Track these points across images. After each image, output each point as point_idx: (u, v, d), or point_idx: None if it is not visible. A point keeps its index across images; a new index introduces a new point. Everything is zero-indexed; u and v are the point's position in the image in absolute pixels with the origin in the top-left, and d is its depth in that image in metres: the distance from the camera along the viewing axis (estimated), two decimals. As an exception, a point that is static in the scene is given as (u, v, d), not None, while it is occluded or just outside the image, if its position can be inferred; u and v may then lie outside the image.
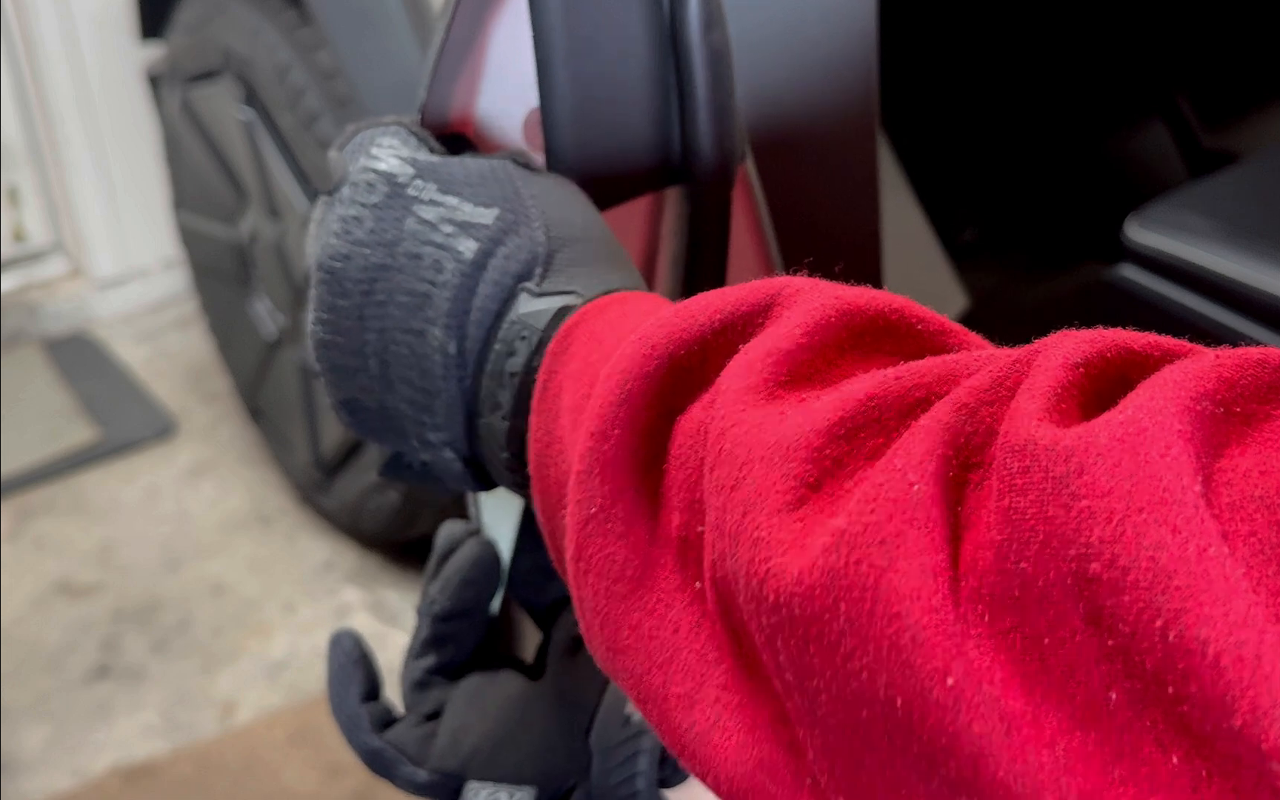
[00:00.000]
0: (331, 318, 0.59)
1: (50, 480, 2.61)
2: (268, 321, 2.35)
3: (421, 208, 0.58)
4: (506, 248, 0.57)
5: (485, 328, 0.57)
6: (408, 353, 0.58)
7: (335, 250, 0.59)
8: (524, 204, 0.59)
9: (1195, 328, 1.50)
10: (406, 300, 0.57)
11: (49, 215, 3.23)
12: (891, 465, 0.37)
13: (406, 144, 0.61)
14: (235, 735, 2.03)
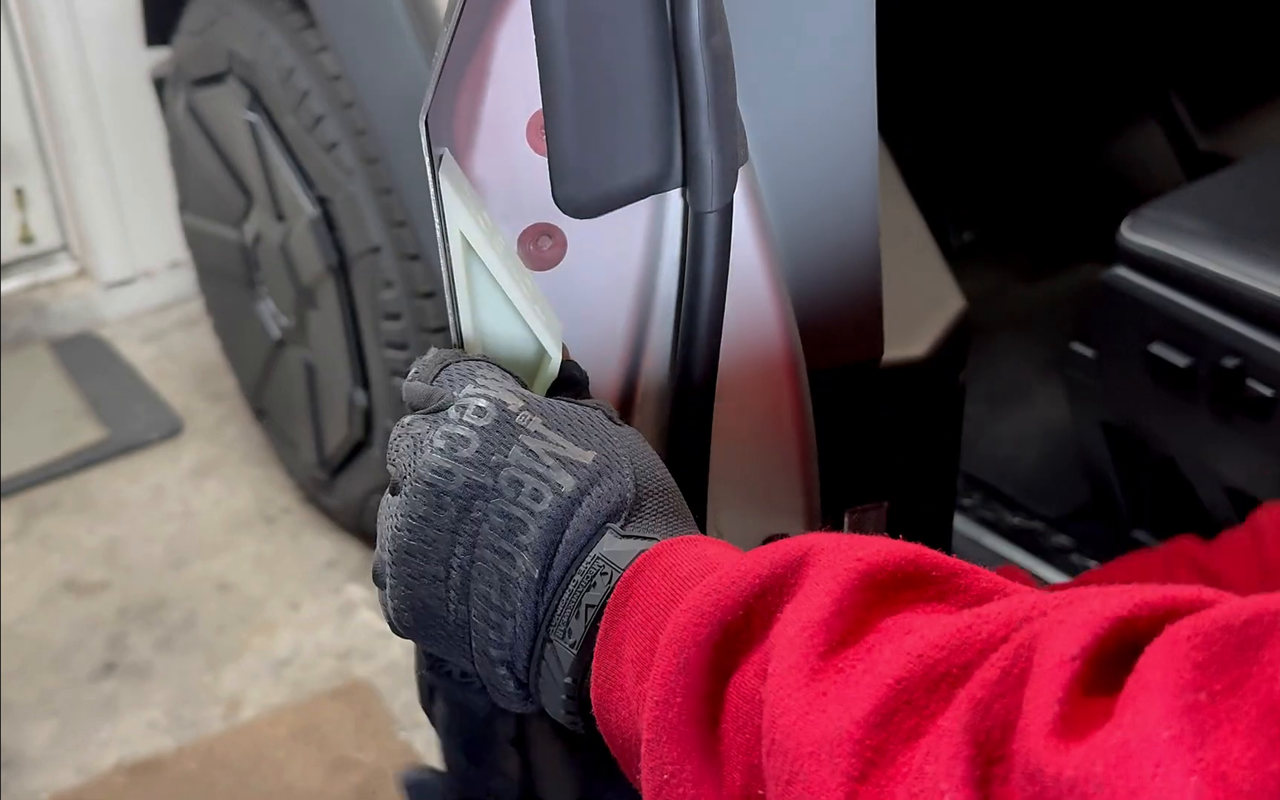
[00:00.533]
0: (422, 527, 0.62)
1: (56, 479, 2.63)
2: (272, 322, 2.37)
3: (528, 438, 0.62)
4: (601, 488, 0.61)
5: (569, 559, 0.60)
6: (492, 571, 0.61)
7: (438, 465, 0.61)
8: (618, 452, 0.63)
9: (1190, 328, 1.51)
10: (501, 522, 0.61)
11: (55, 216, 3.24)
12: (924, 773, 0.43)
13: (506, 378, 0.66)
14: (240, 732, 2.05)
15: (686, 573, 0.56)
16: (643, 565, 0.58)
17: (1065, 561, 1.73)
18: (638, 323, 0.77)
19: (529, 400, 0.63)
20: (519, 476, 0.60)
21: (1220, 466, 1.55)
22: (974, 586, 0.50)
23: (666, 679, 0.52)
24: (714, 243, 0.73)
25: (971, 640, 0.45)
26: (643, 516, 0.62)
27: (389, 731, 2.02)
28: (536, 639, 0.61)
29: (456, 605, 0.62)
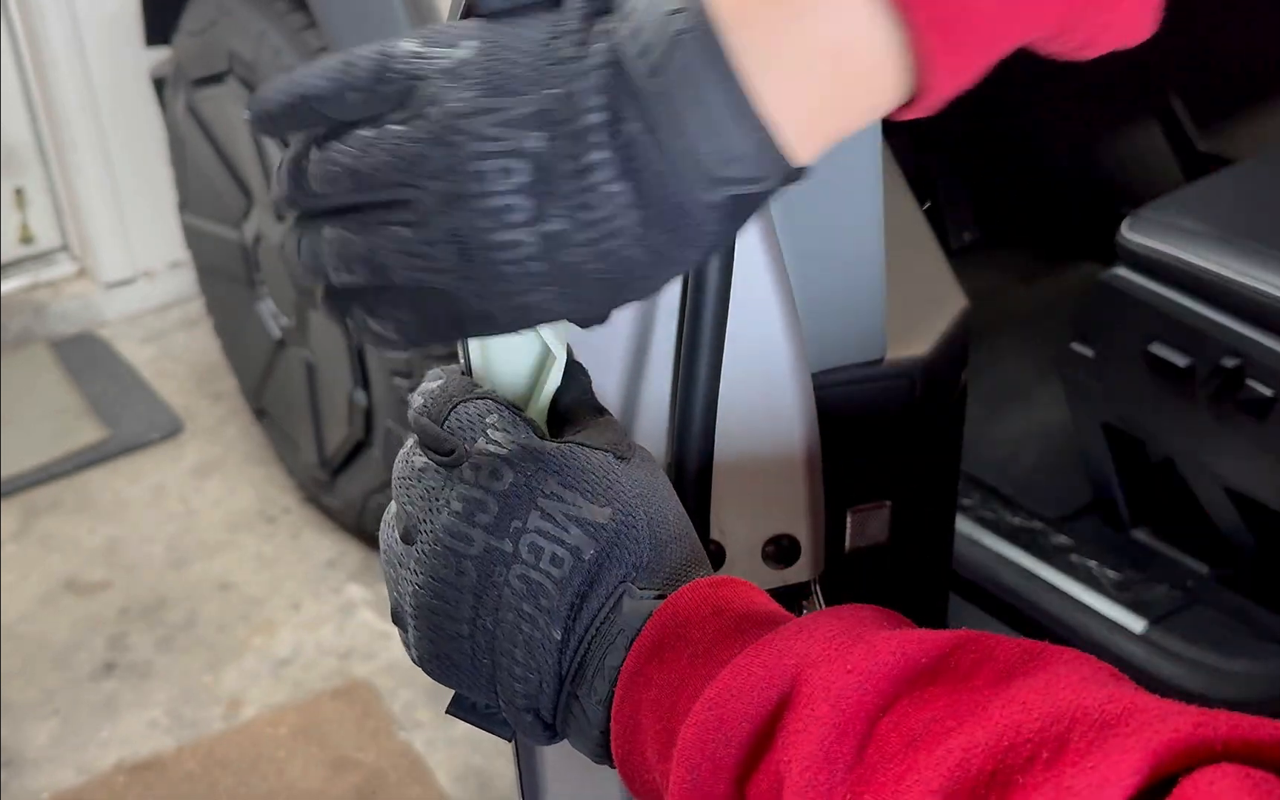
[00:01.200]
0: (443, 589, 0.62)
1: (57, 479, 2.63)
2: (272, 322, 2.37)
3: (545, 500, 0.61)
4: (619, 549, 0.61)
5: (590, 618, 0.61)
6: (515, 632, 0.61)
7: (457, 531, 0.61)
8: (632, 506, 0.62)
9: (1189, 328, 1.52)
10: (522, 587, 0.61)
11: (55, 216, 3.24)
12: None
13: (515, 427, 0.64)
14: (240, 731, 2.05)
15: (694, 650, 0.57)
16: (654, 638, 0.59)
17: (1065, 561, 1.74)
18: (641, 323, 0.78)
19: (542, 456, 0.62)
20: (539, 543, 0.61)
21: (1220, 466, 1.55)
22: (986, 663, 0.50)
23: (682, 788, 0.54)
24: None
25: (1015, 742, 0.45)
26: (659, 568, 0.62)
27: (389, 731, 2.02)
28: (561, 693, 0.62)
29: (481, 658, 0.62)
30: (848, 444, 0.93)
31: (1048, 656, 0.49)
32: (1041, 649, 0.50)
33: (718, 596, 0.59)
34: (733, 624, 0.57)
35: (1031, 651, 0.50)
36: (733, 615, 0.58)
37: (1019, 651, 0.50)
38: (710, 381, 0.77)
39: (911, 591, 1.10)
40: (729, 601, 0.59)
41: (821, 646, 0.52)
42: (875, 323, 0.92)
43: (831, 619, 0.54)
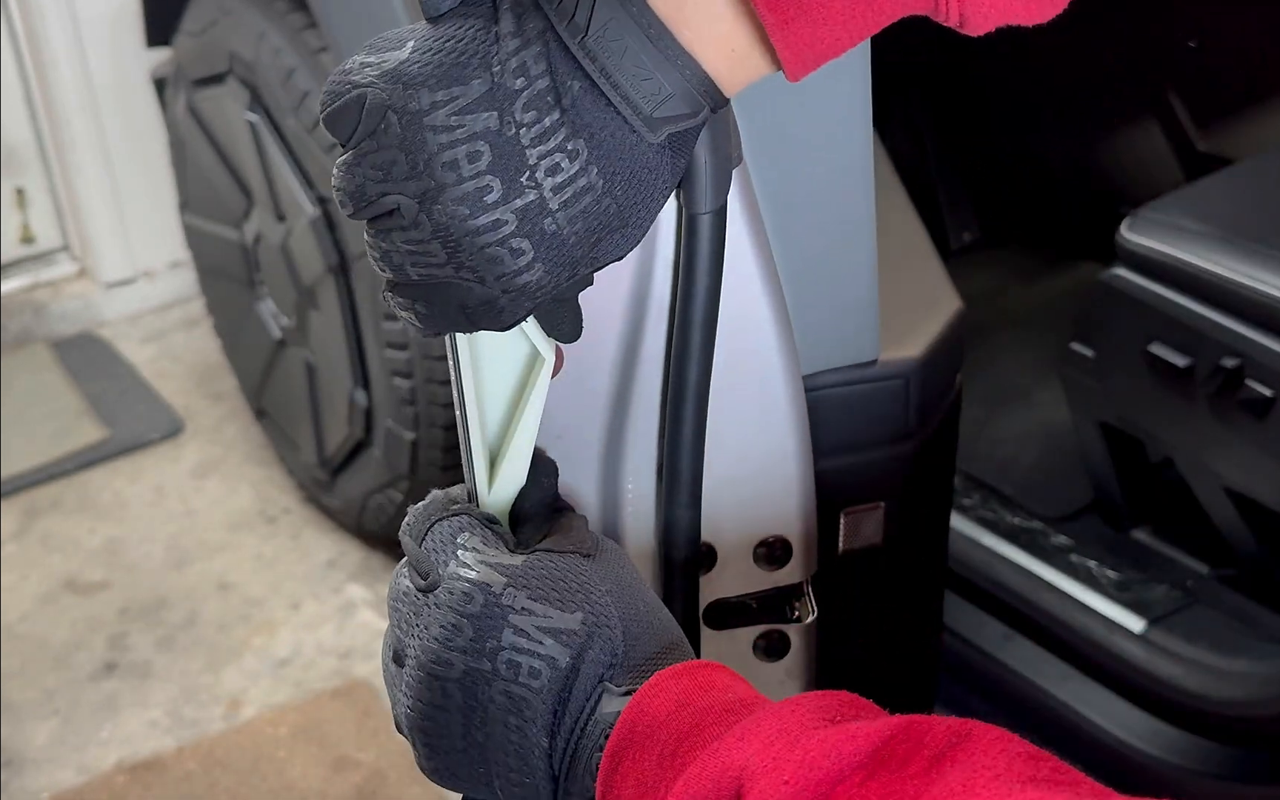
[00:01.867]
0: (432, 712, 0.65)
1: (57, 479, 2.63)
2: (272, 323, 2.37)
3: (516, 616, 0.64)
4: (593, 652, 0.63)
5: (574, 721, 0.63)
6: (506, 743, 0.64)
7: (438, 656, 0.64)
8: (603, 604, 0.65)
9: (1189, 328, 1.52)
10: (505, 702, 0.63)
11: (56, 216, 3.24)
12: None
13: (487, 543, 0.67)
14: (240, 731, 2.05)
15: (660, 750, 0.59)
16: (622, 739, 0.60)
17: (1065, 561, 1.74)
18: (632, 325, 0.77)
19: (510, 572, 0.65)
20: (515, 658, 0.63)
21: (1219, 466, 1.55)
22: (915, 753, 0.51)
23: None
24: (708, 244, 0.73)
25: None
26: (634, 661, 0.65)
27: (389, 731, 2.02)
28: (558, 791, 0.64)
29: (478, 768, 0.65)
30: (841, 446, 0.92)
31: (971, 743, 0.51)
32: (967, 732, 0.52)
33: (681, 689, 0.61)
34: (694, 721, 0.59)
35: (958, 734, 0.51)
36: (695, 710, 0.59)
37: (946, 736, 0.52)
38: (701, 383, 0.77)
39: (905, 593, 1.10)
40: (691, 695, 0.60)
41: (760, 755, 0.54)
42: (869, 324, 0.92)
43: (773, 721, 0.56)
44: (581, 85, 0.59)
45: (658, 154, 0.61)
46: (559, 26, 0.59)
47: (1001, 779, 0.49)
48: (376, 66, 0.61)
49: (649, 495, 0.81)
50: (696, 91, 0.60)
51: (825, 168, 0.85)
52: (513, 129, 0.59)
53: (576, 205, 0.60)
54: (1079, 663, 1.67)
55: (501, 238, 0.60)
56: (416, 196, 0.60)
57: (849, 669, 0.96)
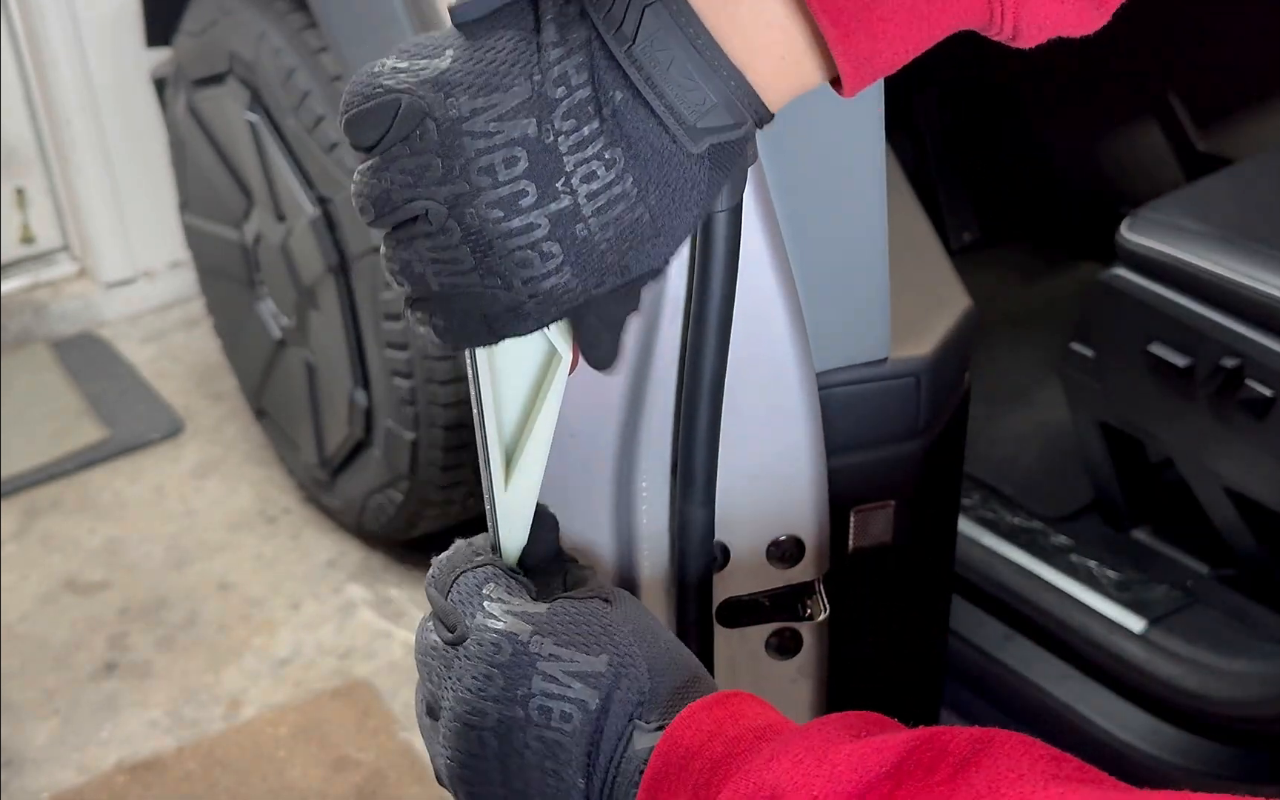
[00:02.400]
0: (470, 761, 0.66)
1: (57, 479, 2.63)
2: (273, 323, 2.37)
3: (544, 663, 0.65)
4: (621, 692, 0.65)
5: (608, 759, 0.64)
6: (542, 787, 0.65)
7: (472, 706, 0.66)
8: (628, 645, 0.66)
9: (1189, 328, 1.52)
10: (540, 747, 0.65)
11: (56, 216, 3.24)
12: None
13: (511, 592, 0.69)
14: (240, 731, 2.05)
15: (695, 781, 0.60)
16: (657, 772, 0.62)
17: (1065, 561, 1.74)
18: (647, 322, 0.78)
19: (535, 621, 0.66)
20: (546, 704, 0.65)
21: (1219, 466, 1.55)
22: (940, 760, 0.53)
23: None
24: (723, 242, 0.73)
25: None
26: (661, 698, 0.66)
27: (389, 731, 2.03)
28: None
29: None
30: (851, 444, 0.93)
31: (994, 748, 0.52)
32: (990, 738, 0.53)
33: (713, 720, 0.62)
34: (727, 748, 0.60)
35: (980, 741, 0.53)
36: (728, 738, 0.60)
37: (969, 743, 0.53)
38: (715, 381, 0.77)
39: (915, 591, 1.10)
40: (722, 724, 0.62)
41: (790, 773, 0.55)
42: (879, 322, 0.92)
43: (800, 740, 0.57)
44: (624, 95, 0.60)
45: (697, 165, 0.62)
46: (606, 34, 0.59)
47: (1026, 779, 0.50)
48: (411, 72, 0.61)
49: (663, 494, 0.81)
50: (741, 103, 0.60)
51: (838, 167, 0.85)
52: (551, 136, 0.60)
53: (609, 212, 0.61)
54: (1079, 663, 1.67)
55: (533, 241, 0.60)
56: (447, 201, 0.60)
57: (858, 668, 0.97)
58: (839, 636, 0.91)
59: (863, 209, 0.87)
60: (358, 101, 0.62)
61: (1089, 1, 0.61)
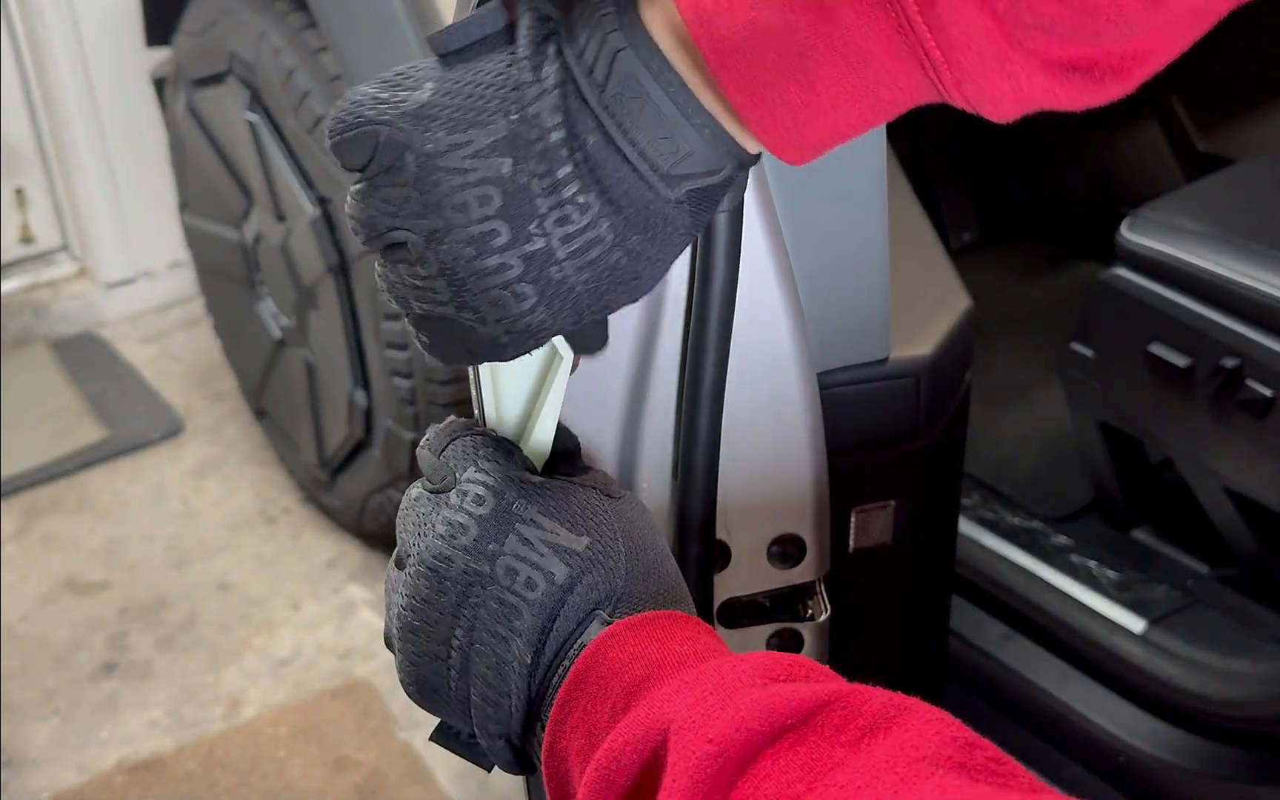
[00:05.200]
0: (424, 609, 0.65)
1: (57, 479, 2.63)
2: (272, 323, 2.37)
3: (524, 527, 0.64)
4: (591, 576, 0.63)
5: (558, 645, 0.63)
6: (489, 653, 0.63)
7: (439, 551, 0.64)
8: (613, 537, 0.65)
9: (1189, 328, 1.52)
10: (497, 608, 0.63)
11: (55, 216, 3.24)
12: None
13: (507, 460, 0.67)
14: (240, 731, 2.05)
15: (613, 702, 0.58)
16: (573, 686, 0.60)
17: (1065, 561, 1.74)
18: (648, 323, 0.78)
19: (525, 486, 0.65)
20: (514, 565, 0.63)
21: (1219, 466, 1.55)
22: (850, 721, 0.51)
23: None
24: (724, 243, 0.74)
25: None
26: (633, 599, 0.64)
27: (389, 731, 2.03)
28: (529, 718, 0.64)
29: (457, 682, 0.64)
30: (852, 443, 0.93)
31: (906, 718, 0.50)
32: (906, 708, 0.51)
33: (638, 640, 0.60)
34: (645, 672, 0.58)
35: (896, 709, 0.51)
36: (648, 661, 0.59)
37: (883, 709, 0.51)
38: (716, 382, 0.77)
39: (915, 591, 1.10)
40: (646, 645, 0.60)
41: (689, 710, 0.53)
42: (879, 322, 0.92)
43: (713, 677, 0.55)
44: (596, 139, 0.58)
45: (676, 208, 0.60)
46: (579, 77, 0.58)
47: (928, 762, 0.48)
48: (392, 104, 0.61)
49: (664, 493, 0.81)
50: (719, 152, 0.59)
51: (838, 167, 0.85)
52: (525, 177, 0.59)
53: (585, 256, 0.60)
54: (1079, 663, 1.67)
55: (506, 282, 0.60)
56: (424, 234, 0.60)
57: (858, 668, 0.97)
58: (839, 637, 0.91)
59: (863, 209, 0.87)
60: (341, 129, 0.62)
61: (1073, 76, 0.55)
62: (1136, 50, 0.54)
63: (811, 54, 0.54)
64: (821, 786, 0.48)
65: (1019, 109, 0.57)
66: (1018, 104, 0.56)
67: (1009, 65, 0.53)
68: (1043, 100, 0.56)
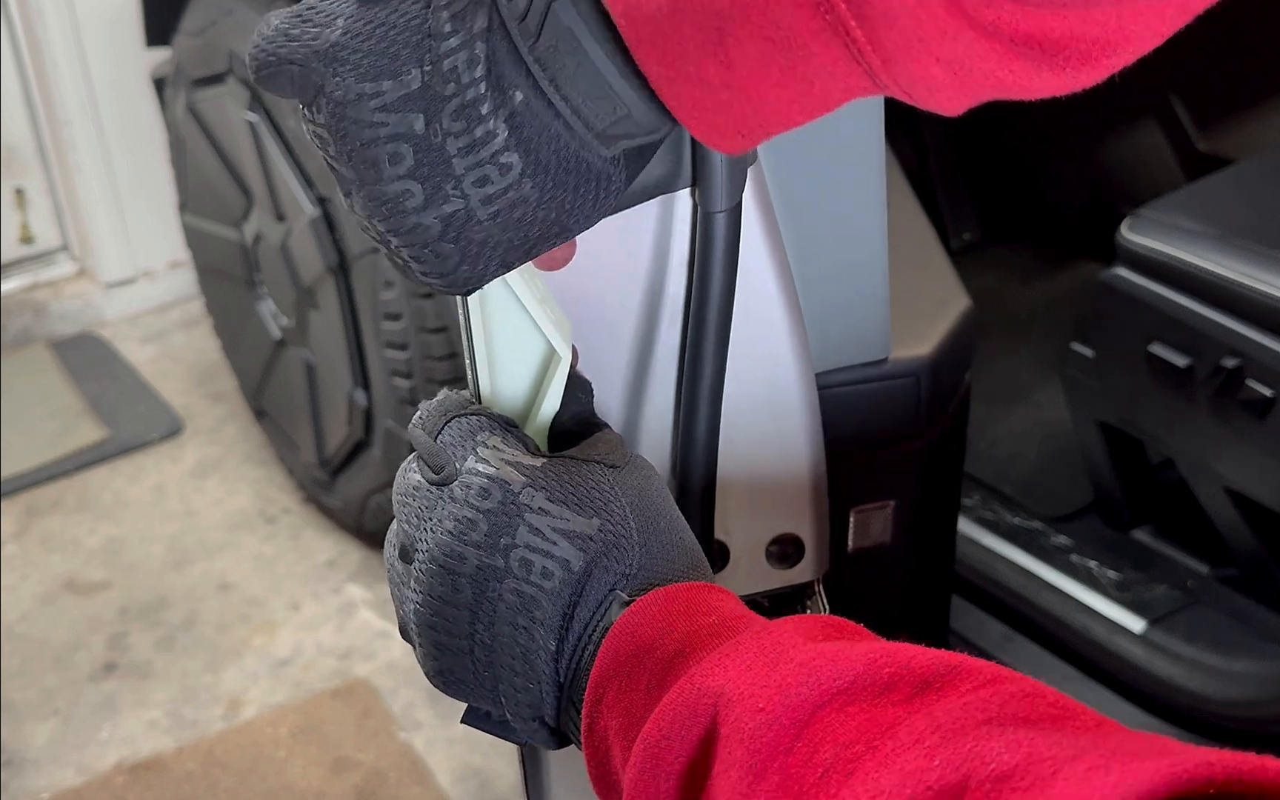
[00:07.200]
0: (441, 607, 0.63)
1: (57, 479, 2.63)
2: (272, 323, 2.37)
3: (532, 516, 0.62)
4: (607, 559, 0.62)
5: (582, 627, 0.62)
6: (513, 644, 0.62)
7: (451, 549, 0.63)
8: (622, 515, 0.63)
9: (1189, 328, 1.52)
10: (515, 600, 0.62)
11: (55, 216, 3.24)
12: None
13: (506, 443, 0.65)
14: (240, 731, 2.05)
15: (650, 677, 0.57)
16: (610, 663, 0.59)
17: (1065, 561, 1.74)
18: (646, 323, 0.78)
19: (530, 473, 0.64)
20: (528, 557, 0.62)
21: (1219, 466, 1.55)
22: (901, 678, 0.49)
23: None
24: (723, 243, 0.73)
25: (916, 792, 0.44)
26: (650, 572, 0.63)
27: (389, 731, 2.02)
28: (561, 699, 0.63)
29: (483, 671, 0.64)
30: (851, 444, 0.93)
31: (961, 678, 0.49)
32: (958, 665, 0.49)
33: (667, 614, 0.59)
34: (680, 646, 0.57)
35: (948, 667, 0.49)
36: (681, 634, 0.58)
37: (934, 665, 0.50)
38: (715, 382, 0.77)
39: (915, 591, 1.10)
40: (676, 618, 0.59)
41: (736, 682, 0.52)
42: (879, 323, 0.92)
43: (754, 644, 0.54)
44: (525, 95, 0.55)
45: (610, 165, 0.58)
46: (510, 25, 0.54)
47: (993, 722, 0.46)
48: (303, 42, 0.57)
49: (662, 493, 0.81)
50: (658, 115, 0.56)
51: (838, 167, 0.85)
52: (439, 136, 0.55)
53: (509, 216, 0.57)
54: (1079, 663, 1.67)
55: (425, 241, 0.58)
56: (346, 181, 0.58)
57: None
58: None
59: (863, 209, 0.87)
60: (256, 67, 0.58)
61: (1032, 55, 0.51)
62: (1107, 38, 0.51)
63: (731, 29, 0.51)
64: (882, 747, 0.46)
65: (960, 99, 0.53)
66: (957, 92, 0.52)
67: (944, 47, 0.49)
68: (990, 88, 0.53)
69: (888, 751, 0.46)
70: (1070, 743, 0.43)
